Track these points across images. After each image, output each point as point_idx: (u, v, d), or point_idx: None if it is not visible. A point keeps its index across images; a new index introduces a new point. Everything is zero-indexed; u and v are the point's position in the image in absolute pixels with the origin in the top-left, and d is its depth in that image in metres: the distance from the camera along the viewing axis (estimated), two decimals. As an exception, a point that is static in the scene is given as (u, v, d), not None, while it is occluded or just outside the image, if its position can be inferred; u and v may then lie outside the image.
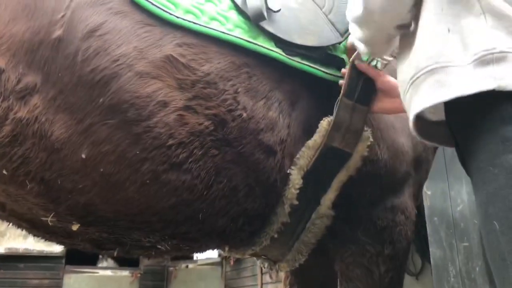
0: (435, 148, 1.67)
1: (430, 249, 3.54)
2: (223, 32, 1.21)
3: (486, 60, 0.80)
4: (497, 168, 0.78)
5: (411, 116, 0.92)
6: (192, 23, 1.19)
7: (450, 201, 3.47)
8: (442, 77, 0.85)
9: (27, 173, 1.09)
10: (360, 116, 1.27)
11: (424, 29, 0.93)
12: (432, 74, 0.87)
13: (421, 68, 0.89)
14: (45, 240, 1.29)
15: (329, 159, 1.26)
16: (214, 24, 1.22)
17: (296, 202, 1.27)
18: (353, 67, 1.30)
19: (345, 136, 1.25)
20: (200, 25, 1.20)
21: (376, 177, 1.37)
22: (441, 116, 0.99)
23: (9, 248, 8.20)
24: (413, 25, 0.99)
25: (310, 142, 1.25)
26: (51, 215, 1.14)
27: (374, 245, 1.39)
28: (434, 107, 0.91)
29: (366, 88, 1.29)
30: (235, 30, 1.24)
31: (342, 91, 1.26)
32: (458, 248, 3.34)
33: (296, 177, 1.25)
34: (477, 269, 3.11)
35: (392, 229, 1.41)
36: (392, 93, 1.28)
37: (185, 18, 1.19)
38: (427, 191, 3.62)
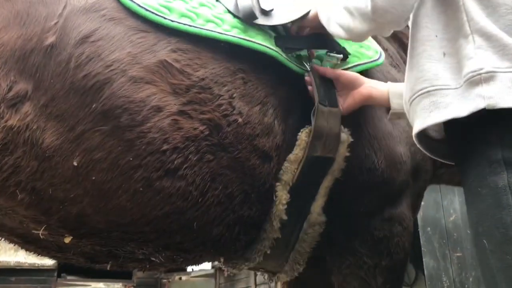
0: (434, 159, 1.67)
1: (424, 260, 3.54)
2: (219, 33, 1.21)
3: (475, 81, 0.83)
4: (484, 189, 0.82)
5: (413, 135, 0.96)
6: (187, 26, 1.18)
7: (443, 211, 3.49)
8: (437, 99, 0.88)
9: (17, 183, 1.07)
10: (335, 120, 1.27)
11: (420, 54, 0.96)
12: (428, 96, 0.90)
13: (418, 90, 0.93)
14: (38, 255, 1.27)
15: (313, 168, 1.25)
16: (210, 26, 1.21)
17: (285, 217, 1.25)
18: (314, 72, 1.31)
19: (325, 143, 1.25)
20: (196, 27, 1.19)
21: (373, 186, 1.36)
22: (443, 134, 1.02)
23: (0, 261, 8.10)
24: (409, 49, 1.02)
25: (291, 156, 1.24)
26: (43, 228, 1.12)
27: (372, 256, 1.37)
28: (437, 126, 0.94)
29: (333, 89, 1.31)
30: (232, 30, 1.23)
31: (315, 99, 1.26)
32: (451, 258, 3.34)
33: (282, 193, 1.24)
34: (471, 279, 3.11)
35: (389, 240, 1.39)
36: (356, 84, 1.30)
37: (180, 22, 1.18)
38: (420, 201, 3.62)
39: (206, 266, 8.32)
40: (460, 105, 0.85)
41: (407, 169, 1.44)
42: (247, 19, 1.27)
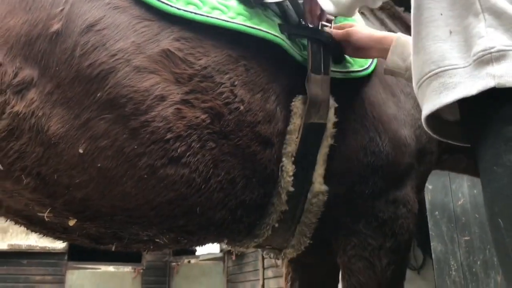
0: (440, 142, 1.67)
1: (432, 244, 3.54)
2: (225, 20, 1.21)
3: (485, 60, 0.82)
4: (500, 168, 0.80)
5: (422, 118, 0.94)
6: (193, 14, 1.18)
7: (452, 196, 3.48)
8: (446, 80, 0.87)
9: (23, 168, 1.08)
10: (326, 86, 1.29)
11: (425, 37, 0.94)
12: (437, 78, 0.89)
13: (426, 72, 0.91)
14: (43, 235, 1.29)
15: (309, 136, 1.27)
16: (216, 13, 1.21)
17: (292, 189, 1.27)
18: (314, 40, 1.32)
19: (319, 109, 1.27)
20: (202, 15, 1.19)
21: (378, 169, 1.36)
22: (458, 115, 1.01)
23: (12, 245, 8.25)
24: (413, 33, 1.00)
25: (291, 127, 1.26)
26: (48, 211, 1.14)
27: (376, 238, 1.38)
28: (451, 107, 0.93)
29: (327, 57, 1.32)
30: (237, 17, 1.23)
31: (309, 67, 1.28)
32: (459, 242, 3.34)
33: (287, 164, 1.26)
34: (479, 262, 3.11)
35: (394, 222, 1.40)
36: (366, 44, 1.33)
37: (186, 9, 1.18)
38: (428, 185, 3.62)
39: (215, 249, 8.43)
40: (470, 84, 0.83)
41: (412, 152, 1.44)
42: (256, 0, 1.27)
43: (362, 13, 1.67)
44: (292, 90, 1.30)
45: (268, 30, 1.24)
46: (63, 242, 1.32)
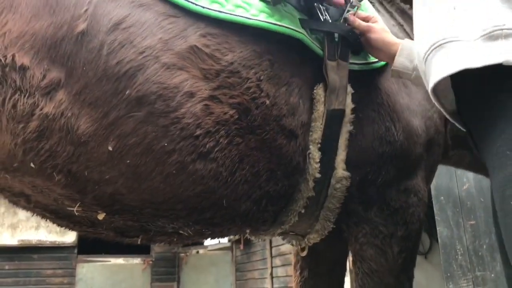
0: (446, 132, 1.69)
1: (438, 228, 3.56)
2: (248, 18, 1.22)
3: (495, 36, 0.82)
4: None
5: (429, 91, 0.94)
6: (218, 12, 1.20)
7: (456, 180, 3.49)
8: (450, 51, 0.87)
9: (54, 166, 1.11)
10: (344, 72, 1.32)
11: (429, 10, 0.95)
12: (441, 49, 0.89)
13: (431, 45, 0.92)
14: (69, 229, 1.32)
15: (331, 123, 1.30)
16: (239, 11, 1.23)
17: (318, 175, 1.29)
18: (327, 23, 1.35)
19: (338, 95, 1.30)
20: (226, 13, 1.21)
21: (392, 158, 1.39)
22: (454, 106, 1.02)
23: (22, 240, 8.32)
24: (414, 10, 1.02)
25: (315, 114, 1.29)
26: (77, 205, 1.17)
27: (387, 226, 1.41)
28: (449, 101, 0.94)
29: (344, 44, 1.34)
30: (259, 15, 1.25)
31: (325, 55, 1.31)
32: (465, 226, 3.36)
33: (314, 151, 1.28)
34: (484, 246, 3.14)
35: (405, 210, 1.42)
36: (378, 45, 1.35)
37: (210, 8, 1.20)
38: (433, 170, 3.63)
39: (223, 239, 8.44)
40: (475, 57, 0.83)
41: (422, 142, 1.46)
42: (275, 2, 1.29)
43: (372, 3, 1.69)
44: (314, 82, 1.32)
45: (289, 25, 1.26)
46: (89, 235, 1.33)
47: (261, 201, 1.28)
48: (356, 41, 1.38)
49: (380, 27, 1.39)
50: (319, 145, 1.29)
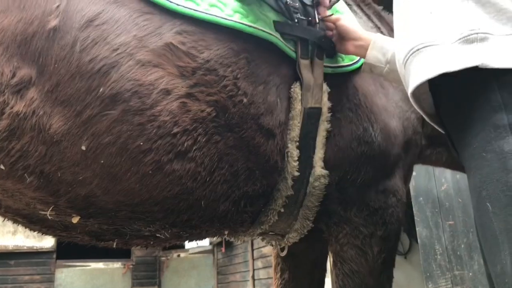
0: (424, 132, 1.71)
1: (417, 229, 3.60)
2: (223, 18, 1.22)
3: (471, 39, 0.83)
4: (489, 154, 0.82)
5: (409, 95, 0.95)
6: (192, 11, 1.19)
7: (435, 181, 3.53)
8: (427, 55, 0.88)
9: (26, 167, 1.08)
10: (318, 70, 1.33)
11: (407, 14, 0.96)
12: (419, 53, 0.90)
13: (409, 49, 0.93)
14: (42, 234, 1.29)
15: (309, 121, 1.30)
16: (214, 11, 1.22)
17: (297, 173, 1.29)
18: (301, 27, 1.36)
19: (313, 93, 1.30)
20: (200, 12, 1.20)
21: (370, 158, 1.40)
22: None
23: (-2, 245, 8.13)
24: (394, 13, 1.03)
25: (293, 112, 1.29)
26: (50, 209, 1.14)
27: (367, 226, 1.42)
28: (429, 103, 0.95)
29: (319, 42, 1.35)
30: (234, 15, 1.24)
31: (298, 54, 1.32)
32: (443, 226, 3.41)
33: (292, 149, 1.28)
34: (463, 246, 3.19)
35: (384, 211, 1.44)
36: (348, 35, 1.35)
37: (185, 6, 1.19)
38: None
39: (204, 242, 8.41)
40: (452, 60, 0.84)
41: (400, 142, 1.48)
42: None
43: (349, 6, 1.70)
44: (292, 81, 1.32)
45: (263, 28, 1.26)
46: (63, 240, 1.30)
47: (240, 201, 1.27)
48: (330, 46, 1.39)
49: (347, 18, 1.40)
50: (297, 143, 1.29)
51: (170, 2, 1.18)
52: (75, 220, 1.17)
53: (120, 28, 1.11)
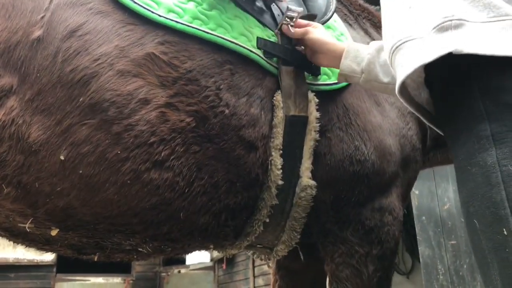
0: (424, 149, 1.69)
1: (419, 248, 3.57)
2: (205, 32, 1.22)
3: (445, 27, 0.81)
4: (474, 167, 0.79)
5: (397, 94, 0.92)
6: (174, 22, 1.19)
7: (438, 200, 3.51)
8: (406, 51, 0.86)
9: (3, 177, 1.06)
10: (301, 79, 1.32)
11: (389, 16, 0.94)
12: (398, 51, 0.87)
13: (389, 48, 0.91)
14: (25, 247, 1.27)
15: (293, 130, 1.28)
16: (197, 23, 1.22)
17: (281, 182, 1.27)
18: (281, 34, 1.34)
19: (296, 101, 1.28)
20: (182, 24, 1.20)
21: (364, 177, 1.37)
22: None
23: (-2, 258, 8.12)
24: (382, 13, 1.01)
25: (275, 120, 1.27)
26: (29, 221, 1.13)
27: (363, 245, 1.39)
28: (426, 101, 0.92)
29: (301, 62, 1.34)
30: (217, 29, 1.24)
31: (280, 62, 1.31)
32: (446, 246, 3.36)
33: (276, 157, 1.26)
34: (465, 266, 3.14)
35: (380, 229, 1.41)
36: (319, 48, 1.31)
37: (167, 17, 1.19)
38: (415, 190, 3.65)
39: (205, 258, 8.37)
40: (427, 51, 0.82)
41: (397, 160, 1.46)
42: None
43: (345, 21, 1.69)
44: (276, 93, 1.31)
45: (245, 44, 1.26)
46: (46, 252, 1.30)
47: (221, 215, 1.24)
48: (312, 66, 1.38)
49: (320, 29, 1.36)
50: (280, 152, 1.27)
51: (153, 13, 1.18)
52: (53, 232, 1.15)
53: (103, 38, 1.11)
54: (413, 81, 0.94)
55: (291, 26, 1.36)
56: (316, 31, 1.33)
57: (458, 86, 0.84)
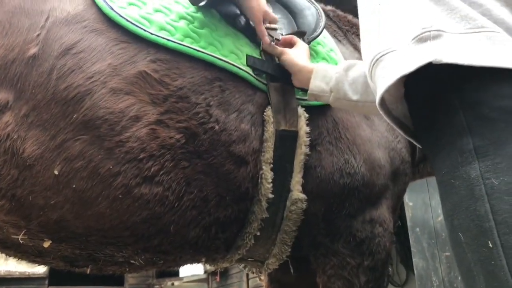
0: (413, 161, 1.70)
1: (413, 260, 3.57)
2: (196, 50, 1.24)
3: (424, 38, 0.81)
4: (458, 181, 0.79)
5: (378, 107, 0.93)
6: (165, 40, 1.21)
7: (431, 212, 3.52)
8: (386, 63, 0.86)
9: None
10: (291, 94, 1.35)
11: (366, 28, 0.95)
12: (379, 63, 0.88)
13: (369, 61, 0.91)
14: (17, 259, 1.28)
15: (283, 144, 1.30)
16: (187, 41, 1.25)
17: (271, 196, 1.28)
18: (271, 64, 1.37)
19: (286, 116, 1.30)
20: (173, 42, 1.22)
21: (354, 189, 1.39)
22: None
23: (-11, 271, 8.03)
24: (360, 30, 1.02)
25: (266, 134, 1.29)
26: (22, 233, 1.14)
27: (354, 257, 1.40)
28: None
29: (288, 80, 1.36)
30: (208, 47, 1.27)
31: (268, 77, 1.34)
32: (440, 258, 3.37)
33: (266, 171, 1.28)
34: (459, 278, 3.13)
35: (371, 241, 1.42)
36: (290, 69, 1.34)
37: (159, 35, 1.21)
38: (409, 202, 3.66)
39: (199, 271, 8.31)
40: (407, 61, 0.82)
41: (386, 173, 1.48)
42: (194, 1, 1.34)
43: (335, 37, 1.71)
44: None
45: (234, 62, 1.29)
46: (38, 265, 1.31)
47: (211, 228, 1.26)
48: None
49: (295, 50, 1.38)
50: (271, 165, 1.29)
51: (145, 31, 1.20)
52: (46, 244, 1.16)
53: (96, 56, 1.14)
54: (391, 95, 0.94)
55: (275, 42, 1.39)
56: (290, 52, 1.36)
57: (438, 99, 0.84)
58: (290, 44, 1.42)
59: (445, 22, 0.82)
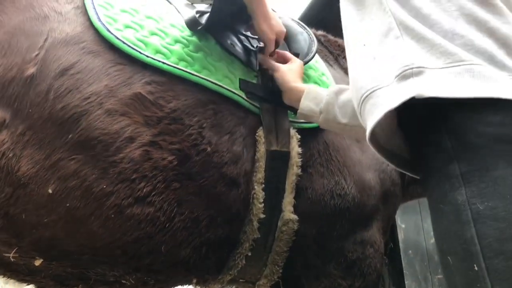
0: (403, 183, 1.72)
1: (406, 282, 3.56)
2: (190, 73, 1.26)
3: (406, 75, 0.84)
4: (446, 206, 0.82)
5: (368, 141, 0.96)
6: (161, 63, 1.23)
7: (424, 234, 3.52)
8: (374, 100, 0.89)
9: None
10: (283, 116, 1.37)
11: (354, 68, 0.99)
12: (368, 100, 0.91)
13: (359, 98, 0.94)
14: (7, 278, 1.26)
15: (275, 164, 1.31)
16: (182, 65, 1.27)
17: (263, 216, 1.29)
18: (262, 74, 1.40)
19: (278, 137, 1.32)
20: (168, 65, 1.24)
21: (345, 210, 1.40)
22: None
23: (-24, 290, 7.87)
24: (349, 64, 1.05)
25: (257, 155, 1.30)
26: (14, 251, 1.14)
27: (346, 278, 1.41)
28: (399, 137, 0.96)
29: (279, 89, 1.39)
30: (202, 71, 1.29)
31: (261, 99, 1.36)
32: (432, 281, 3.36)
33: (258, 191, 1.29)
34: (451, 301, 3.12)
35: (362, 262, 1.43)
36: (282, 86, 1.38)
37: (154, 58, 1.23)
38: (401, 224, 3.67)
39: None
40: (392, 98, 0.85)
41: (377, 194, 1.50)
42: (191, 27, 1.38)
43: (326, 61, 1.75)
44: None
45: (228, 86, 1.31)
46: (28, 284, 1.30)
47: (202, 248, 1.26)
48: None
49: (289, 66, 1.42)
50: (262, 185, 1.30)
51: (141, 53, 1.22)
52: (38, 262, 1.16)
53: (93, 77, 1.15)
54: (382, 130, 0.98)
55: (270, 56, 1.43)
56: (284, 68, 1.40)
57: (427, 128, 0.88)
58: (284, 60, 1.45)
59: (426, 59, 0.85)
